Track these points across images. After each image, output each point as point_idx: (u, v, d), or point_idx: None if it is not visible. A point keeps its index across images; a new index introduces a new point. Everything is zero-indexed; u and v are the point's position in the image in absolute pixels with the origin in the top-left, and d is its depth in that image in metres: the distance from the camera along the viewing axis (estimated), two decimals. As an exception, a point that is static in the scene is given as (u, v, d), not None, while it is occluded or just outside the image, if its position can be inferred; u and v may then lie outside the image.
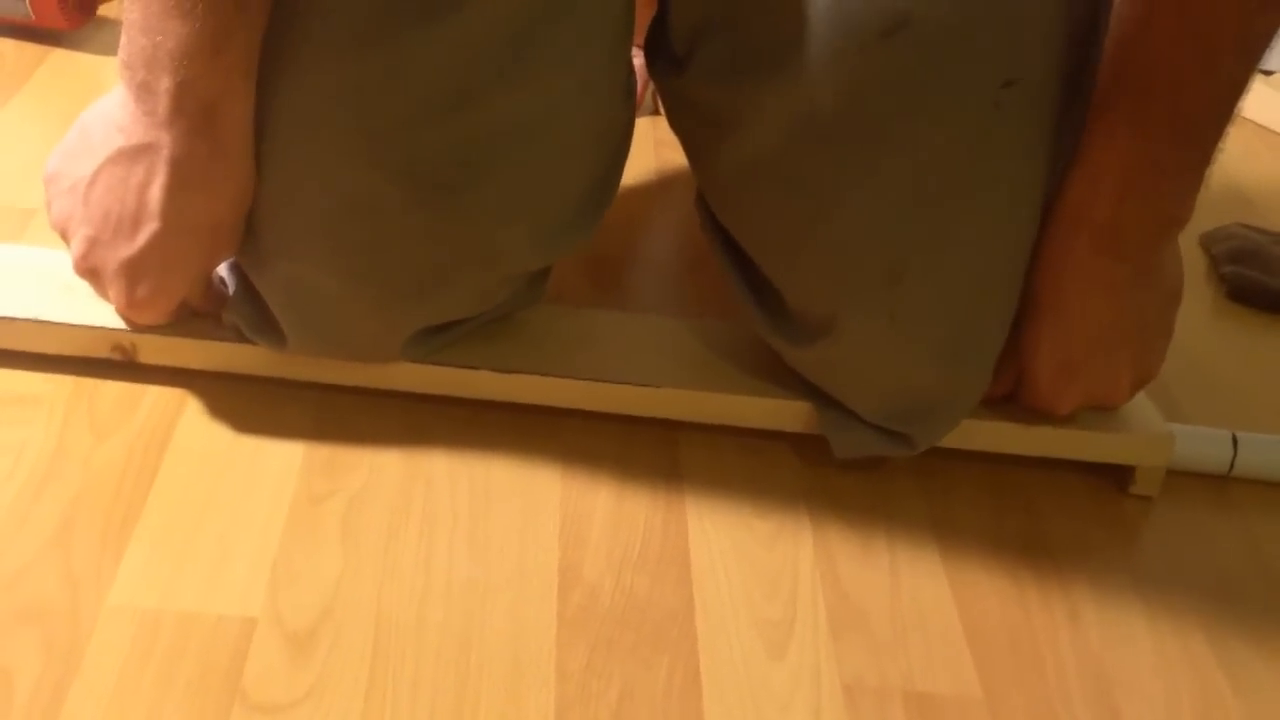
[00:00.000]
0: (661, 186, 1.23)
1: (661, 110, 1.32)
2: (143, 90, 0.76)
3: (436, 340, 0.87)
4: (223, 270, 0.87)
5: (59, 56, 1.30)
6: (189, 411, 0.86)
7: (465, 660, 0.72)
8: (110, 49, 0.79)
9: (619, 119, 0.87)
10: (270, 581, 0.75)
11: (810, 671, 0.75)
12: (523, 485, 0.85)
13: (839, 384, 0.87)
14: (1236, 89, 0.80)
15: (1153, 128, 0.80)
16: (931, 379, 0.85)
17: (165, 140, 0.77)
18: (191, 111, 0.76)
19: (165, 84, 0.75)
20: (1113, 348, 0.87)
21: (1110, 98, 0.81)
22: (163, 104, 0.76)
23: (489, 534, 0.81)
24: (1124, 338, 0.87)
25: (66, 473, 0.80)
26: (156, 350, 0.87)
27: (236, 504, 0.80)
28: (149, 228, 0.79)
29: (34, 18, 1.28)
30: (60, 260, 0.88)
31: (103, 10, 1.36)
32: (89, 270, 0.83)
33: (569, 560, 0.80)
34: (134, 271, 0.81)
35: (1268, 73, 1.59)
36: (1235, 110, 0.80)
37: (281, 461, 0.83)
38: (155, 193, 0.78)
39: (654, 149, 1.28)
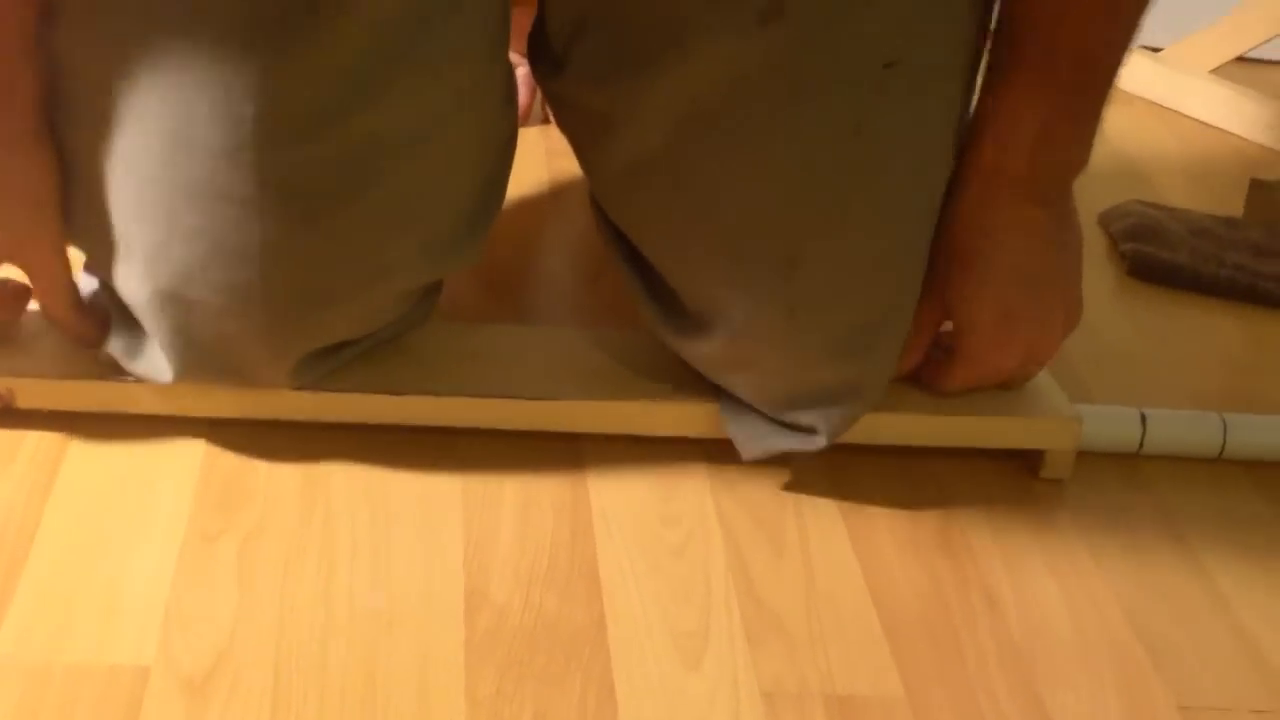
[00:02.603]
0: (555, 197, 1.22)
1: (552, 117, 1.30)
2: None
3: (326, 364, 0.85)
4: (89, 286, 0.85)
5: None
6: (71, 454, 0.83)
7: (370, 695, 0.70)
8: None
9: (500, 127, 0.85)
10: (163, 627, 0.72)
11: (728, 681, 0.73)
12: (424, 509, 0.82)
13: (740, 381, 0.85)
14: (1132, 31, 0.82)
15: (1061, 76, 0.81)
16: (835, 369, 0.83)
17: None
18: None
19: None
20: (1045, 289, 0.86)
21: (1016, 51, 0.82)
22: None
23: (391, 562, 0.78)
24: (1054, 279, 0.87)
25: (-56, 527, 0.77)
26: (35, 394, 0.84)
27: (125, 548, 0.77)
28: None
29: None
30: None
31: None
32: None
33: (474, 583, 0.77)
34: None
35: (1156, 49, 1.60)
36: (1128, 55, 0.82)
37: (171, 501, 0.80)
38: None
39: (546, 159, 1.26)
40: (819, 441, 0.85)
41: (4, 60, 0.77)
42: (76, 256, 0.84)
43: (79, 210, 0.81)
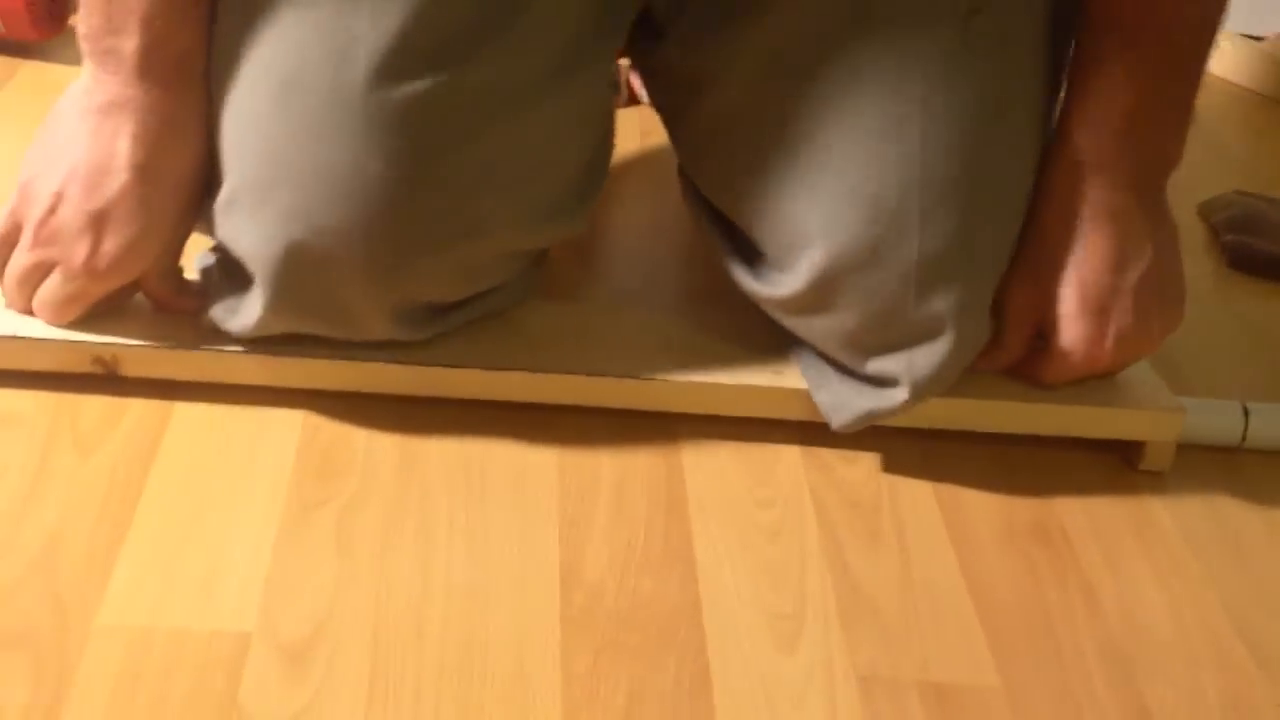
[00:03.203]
0: (650, 175, 1.21)
1: (641, 98, 1.31)
2: (107, 57, 0.78)
3: (432, 325, 0.86)
4: (201, 263, 0.86)
5: (30, 69, 1.28)
6: (174, 423, 0.84)
7: (468, 667, 0.70)
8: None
9: (599, 103, 0.86)
10: (264, 594, 0.73)
11: (823, 664, 0.73)
12: (520, 485, 0.83)
13: (821, 327, 0.85)
14: (1219, 15, 0.82)
15: (1149, 64, 0.81)
16: (917, 306, 0.81)
17: (132, 96, 0.79)
18: (160, 69, 0.78)
19: (131, 46, 0.78)
20: (1138, 282, 0.85)
21: (1103, 39, 0.82)
22: (128, 65, 0.78)
23: (487, 537, 0.78)
24: (1147, 272, 0.85)
25: (50, 492, 0.78)
26: (138, 362, 0.85)
27: (226, 516, 0.78)
28: (118, 178, 0.79)
29: (3, 30, 1.26)
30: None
31: (74, 20, 1.33)
32: (50, 235, 0.81)
33: (570, 561, 0.78)
34: (101, 223, 0.80)
35: (1258, 38, 1.57)
36: (1215, 41, 0.82)
37: (271, 470, 0.81)
38: (124, 145, 0.79)
39: (640, 138, 1.26)
40: (901, 394, 0.83)
41: (192, 42, 0.79)
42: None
43: None
